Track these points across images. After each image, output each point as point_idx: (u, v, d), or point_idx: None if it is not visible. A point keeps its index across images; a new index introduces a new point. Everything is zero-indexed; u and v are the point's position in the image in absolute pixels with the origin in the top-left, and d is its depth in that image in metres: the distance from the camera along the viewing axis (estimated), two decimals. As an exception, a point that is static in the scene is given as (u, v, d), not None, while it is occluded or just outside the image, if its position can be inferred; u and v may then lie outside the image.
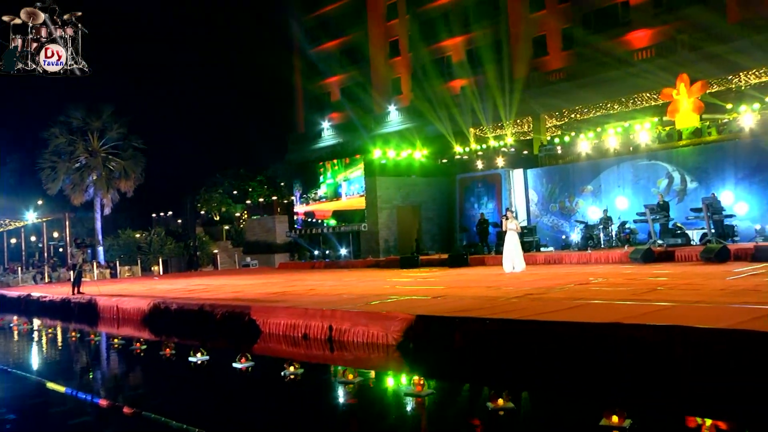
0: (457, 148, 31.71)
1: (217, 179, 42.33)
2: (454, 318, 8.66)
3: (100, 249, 33.79)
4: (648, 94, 29.51)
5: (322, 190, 31.28)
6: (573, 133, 27.79)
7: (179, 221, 42.04)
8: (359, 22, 46.69)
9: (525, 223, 25.80)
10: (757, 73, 26.77)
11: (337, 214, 29.81)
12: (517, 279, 14.40)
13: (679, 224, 19.87)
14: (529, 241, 23.15)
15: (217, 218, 42.52)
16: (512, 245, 16.53)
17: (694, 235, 19.43)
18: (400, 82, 45.67)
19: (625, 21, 32.81)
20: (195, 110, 53.49)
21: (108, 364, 9.86)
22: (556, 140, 28.35)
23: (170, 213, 43.77)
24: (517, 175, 28.08)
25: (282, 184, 39.85)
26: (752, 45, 25.47)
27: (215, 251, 37.31)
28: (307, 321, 10.50)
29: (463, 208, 29.48)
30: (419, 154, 31.74)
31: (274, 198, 38.37)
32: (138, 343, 10.31)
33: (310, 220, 31.06)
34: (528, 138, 34.49)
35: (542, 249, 23.92)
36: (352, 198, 29.48)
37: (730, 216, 18.79)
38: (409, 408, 5.96)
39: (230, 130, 54.65)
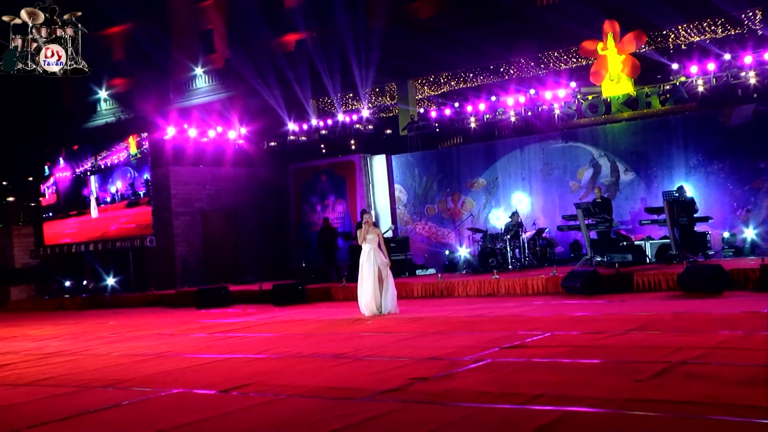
0: (292, 127, 28.35)
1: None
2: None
3: None
4: (557, 53, 27.49)
5: (50, 198, 27.22)
6: (456, 105, 25.23)
7: None
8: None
9: (390, 234, 23.07)
10: (699, 26, 25.10)
11: (87, 245, 25.69)
12: (387, 334, 10.54)
13: (622, 232, 17.30)
14: (399, 261, 20.11)
15: None
16: (371, 271, 12.67)
17: (647, 247, 16.91)
18: (212, 35, 41.67)
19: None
20: None
21: None
22: (432, 114, 25.86)
23: None
24: (378, 163, 25.68)
25: (30, 179, 33.97)
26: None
27: None
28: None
29: (301, 212, 26.46)
30: (236, 135, 28.42)
31: (11, 199, 32.39)
32: None
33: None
34: (393, 114, 31.92)
35: (419, 272, 20.94)
36: (112, 207, 25.64)
37: (705, 219, 16.28)
38: None
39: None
